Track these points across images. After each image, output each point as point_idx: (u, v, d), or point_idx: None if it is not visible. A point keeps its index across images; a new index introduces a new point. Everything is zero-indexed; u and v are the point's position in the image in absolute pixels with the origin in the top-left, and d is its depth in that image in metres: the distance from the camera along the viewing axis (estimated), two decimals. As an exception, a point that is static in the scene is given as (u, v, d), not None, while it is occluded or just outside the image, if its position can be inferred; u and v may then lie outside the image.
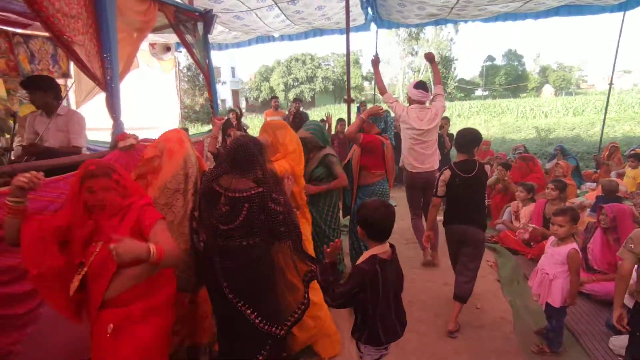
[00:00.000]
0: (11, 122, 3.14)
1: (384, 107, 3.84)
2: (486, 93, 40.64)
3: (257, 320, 1.93)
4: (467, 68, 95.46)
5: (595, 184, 5.99)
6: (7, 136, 2.94)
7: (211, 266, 1.96)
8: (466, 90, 40.43)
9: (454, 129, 8.95)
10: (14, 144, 3.06)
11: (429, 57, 4.13)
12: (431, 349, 2.66)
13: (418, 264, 4.03)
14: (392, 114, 4.17)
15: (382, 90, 4.04)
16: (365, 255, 1.77)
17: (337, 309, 1.91)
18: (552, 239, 2.67)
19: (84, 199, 1.68)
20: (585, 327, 2.81)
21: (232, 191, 1.90)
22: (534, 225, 4.10)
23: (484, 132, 15.36)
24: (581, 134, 13.05)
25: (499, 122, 18.91)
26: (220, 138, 4.72)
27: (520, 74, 43.29)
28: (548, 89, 40.36)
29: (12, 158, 2.82)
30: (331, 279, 1.72)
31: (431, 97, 3.96)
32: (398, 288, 1.82)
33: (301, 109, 8.24)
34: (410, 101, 3.94)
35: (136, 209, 1.73)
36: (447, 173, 2.88)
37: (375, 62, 4.14)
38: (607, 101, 7.73)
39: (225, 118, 3.43)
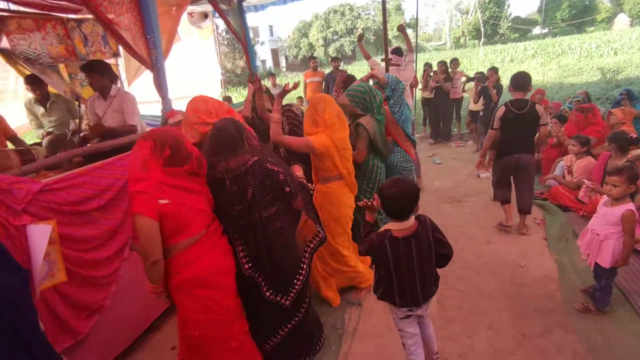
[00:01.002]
0: (77, 104, 3.46)
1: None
2: (545, 31, 36.44)
3: (267, 291, 2.05)
4: (523, 4, 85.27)
5: (668, 131, 5.40)
6: (77, 120, 3.26)
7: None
8: (521, 29, 36.54)
9: (506, 75, 8.28)
10: (83, 126, 3.39)
11: (400, 29, 4.99)
12: (471, 306, 2.75)
13: (461, 222, 4.04)
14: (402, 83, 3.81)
15: (367, 57, 4.98)
16: (385, 226, 1.84)
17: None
18: (605, 197, 2.55)
19: None
20: (637, 286, 2.72)
21: (232, 171, 1.95)
22: (587, 182, 3.88)
23: (539, 78, 14.06)
24: None
25: (558, 64, 17.07)
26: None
27: (587, 4, 37.97)
28: (622, 19, 35.20)
29: (82, 138, 3.14)
30: (365, 233, 1.91)
31: (405, 61, 4.82)
32: (422, 263, 1.80)
33: (341, 66, 8.04)
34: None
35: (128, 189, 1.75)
36: (501, 109, 3.45)
37: (360, 37, 5.04)
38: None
39: (257, 77, 3.42)
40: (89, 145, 2.81)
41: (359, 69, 25.08)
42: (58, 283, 2.01)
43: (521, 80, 3.41)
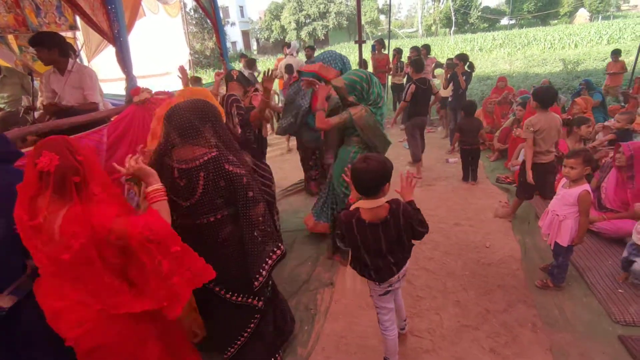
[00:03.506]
0: (30, 79, 3.20)
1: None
2: (512, 22, 37.51)
3: (232, 296, 1.92)
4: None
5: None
6: (30, 97, 3.00)
7: None
8: (490, 19, 37.43)
9: (475, 64, 8.47)
10: (38, 103, 3.13)
11: None
12: (439, 285, 2.84)
13: (431, 205, 4.14)
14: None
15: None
16: (355, 204, 1.84)
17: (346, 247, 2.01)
18: (564, 180, 2.68)
19: None
20: (590, 264, 2.92)
21: (183, 162, 1.69)
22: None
23: (506, 67, 14.56)
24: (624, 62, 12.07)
25: (524, 54, 17.72)
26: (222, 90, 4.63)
27: (552, -3, 39.28)
28: (583, 14, 36.84)
29: (36, 117, 2.92)
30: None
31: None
32: (392, 244, 1.82)
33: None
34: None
35: None
36: (412, 87, 4.77)
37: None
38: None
39: (225, 73, 3.30)
40: (41, 123, 2.61)
41: (332, 54, 24.80)
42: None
43: (420, 65, 4.96)
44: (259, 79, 7.57)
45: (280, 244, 1.98)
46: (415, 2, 37.01)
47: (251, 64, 7.85)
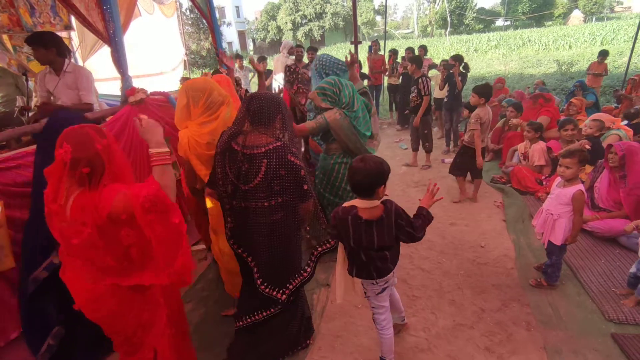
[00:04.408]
0: (24, 79, 3.18)
1: None
2: (507, 23, 37.75)
3: (260, 283, 2.03)
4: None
5: (613, 120, 5.80)
6: (25, 97, 2.98)
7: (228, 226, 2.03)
8: (485, 21, 37.66)
9: (471, 65, 8.55)
10: (32, 103, 3.11)
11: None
12: (435, 285, 2.86)
13: (426, 206, 4.15)
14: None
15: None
16: (351, 201, 1.85)
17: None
18: (558, 179, 2.70)
19: None
20: (583, 263, 2.95)
21: (249, 147, 1.83)
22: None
23: (501, 68, 14.66)
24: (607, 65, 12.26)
25: (519, 55, 17.85)
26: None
27: (546, -1, 39.58)
28: (577, 15, 37.15)
29: (29, 117, 2.90)
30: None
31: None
32: (383, 245, 1.83)
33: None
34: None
35: None
36: (428, 80, 5.16)
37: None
38: (639, 26, 7.12)
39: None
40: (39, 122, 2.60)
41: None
42: (6, 269, 1.88)
43: (421, 61, 5.44)
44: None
45: (325, 241, 2.10)
46: (411, 3, 37.23)
47: (261, 59, 7.87)
